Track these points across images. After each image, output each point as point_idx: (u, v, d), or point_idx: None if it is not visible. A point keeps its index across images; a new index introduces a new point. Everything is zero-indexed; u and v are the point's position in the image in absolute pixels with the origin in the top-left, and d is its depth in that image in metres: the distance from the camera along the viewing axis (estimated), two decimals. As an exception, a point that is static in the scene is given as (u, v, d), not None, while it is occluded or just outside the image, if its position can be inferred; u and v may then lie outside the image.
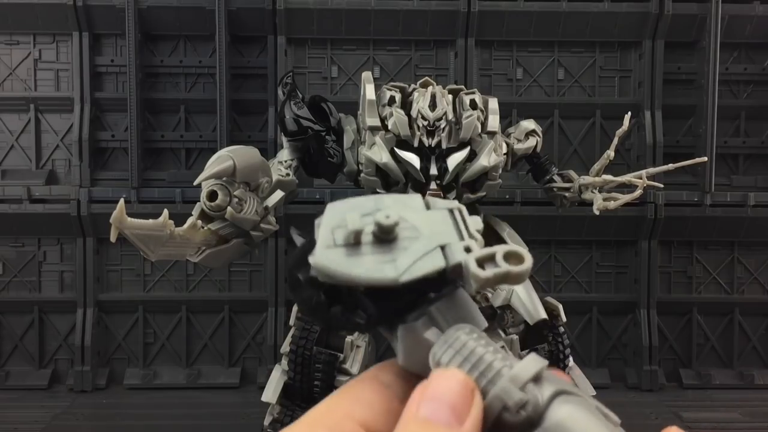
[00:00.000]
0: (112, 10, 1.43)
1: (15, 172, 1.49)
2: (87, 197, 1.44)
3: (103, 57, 1.50)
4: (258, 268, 1.52)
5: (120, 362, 1.51)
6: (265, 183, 0.82)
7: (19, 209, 1.45)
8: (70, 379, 1.46)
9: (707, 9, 1.45)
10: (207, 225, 0.76)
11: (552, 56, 1.52)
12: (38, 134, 1.51)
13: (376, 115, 0.88)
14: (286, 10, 1.43)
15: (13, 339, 1.50)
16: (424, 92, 0.88)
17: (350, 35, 1.49)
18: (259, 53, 1.50)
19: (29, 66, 1.50)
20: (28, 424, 1.27)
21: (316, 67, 1.51)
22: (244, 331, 1.51)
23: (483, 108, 0.89)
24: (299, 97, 0.93)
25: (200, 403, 1.39)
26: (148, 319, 1.51)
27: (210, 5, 1.42)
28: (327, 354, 0.89)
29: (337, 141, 0.93)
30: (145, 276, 1.51)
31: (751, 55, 1.55)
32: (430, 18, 1.46)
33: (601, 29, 1.49)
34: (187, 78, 1.51)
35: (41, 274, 1.50)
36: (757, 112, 1.56)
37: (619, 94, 1.54)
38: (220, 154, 0.79)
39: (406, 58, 1.51)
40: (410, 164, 0.86)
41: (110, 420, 1.33)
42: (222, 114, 1.42)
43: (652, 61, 1.49)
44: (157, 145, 1.51)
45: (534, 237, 1.38)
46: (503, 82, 1.53)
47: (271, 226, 0.84)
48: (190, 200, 1.38)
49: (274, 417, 0.90)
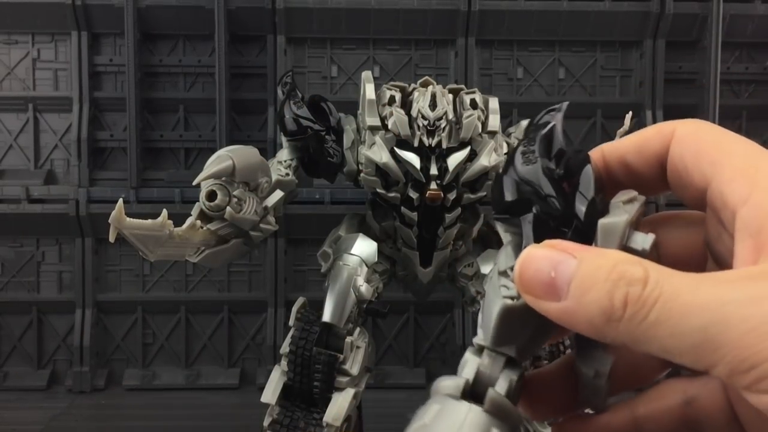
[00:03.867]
0: (110, 9, 1.43)
1: (13, 172, 1.49)
2: (86, 197, 1.44)
3: (102, 56, 1.49)
4: (257, 269, 1.51)
5: (119, 363, 1.50)
6: (264, 183, 0.82)
7: (18, 209, 1.44)
8: (68, 379, 1.46)
9: (708, 8, 1.45)
10: (206, 225, 0.75)
11: (553, 56, 1.52)
12: (37, 134, 1.50)
13: (376, 114, 0.87)
14: (285, 10, 1.43)
15: (12, 339, 1.49)
16: (425, 92, 0.88)
17: (350, 34, 1.48)
18: (258, 53, 1.50)
19: (28, 65, 1.49)
20: (27, 425, 1.26)
21: (315, 67, 1.51)
22: (244, 332, 1.51)
23: (483, 107, 0.89)
24: (299, 96, 0.93)
25: (199, 404, 1.39)
26: (147, 320, 1.50)
27: (209, 4, 1.41)
28: (327, 355, 0.88)
29: (337, 141, 0.92)
30: (144, 276, 1.50)
31: (753, 54, 1.55)
32: (430, 17, 1.46)
33: (602, 28, 1.49)
34: (186, 77, 1.50)
35: (40, 275, 1.50)
36: (758, 112, 1.55)
37: (620, 94, 1.54)
38: (219, 153, 0.79)
39: (406, 57, 1.51)
40: (410, 164, 0.85)
41: (109, 421, 1.32)
42: (221, 114, 1.42)
43: (653, 60, 1.49)
44: (156, 144, 1.50)
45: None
46: (504, 82, 1.52)
47: (271, 226, 0.84)
48: (189, 200, 1.37)
49: (274, 418, 0.89)
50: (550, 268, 0.30)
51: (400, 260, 0.97)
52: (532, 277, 0.31)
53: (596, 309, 0.29)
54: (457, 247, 0.96)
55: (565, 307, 0.30)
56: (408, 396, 1.43)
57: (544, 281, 0.30)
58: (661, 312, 0.27)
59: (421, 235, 0.92)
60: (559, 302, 0.30)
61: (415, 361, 1.52)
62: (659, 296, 0.27)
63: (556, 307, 0.30)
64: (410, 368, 1.51)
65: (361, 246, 0.91)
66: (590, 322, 0.29)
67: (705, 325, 0.26)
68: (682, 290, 0.28)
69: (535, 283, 0.31)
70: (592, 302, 0.29)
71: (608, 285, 0.28)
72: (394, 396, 1.41)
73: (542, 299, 0.31)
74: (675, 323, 0.27)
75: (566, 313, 0.30)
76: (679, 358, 0.28)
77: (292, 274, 1.51)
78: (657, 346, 0.28)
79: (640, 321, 0.28)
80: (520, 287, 0.32)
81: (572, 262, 0.30)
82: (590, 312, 0.29)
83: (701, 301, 0.27)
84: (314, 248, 1.02)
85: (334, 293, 0.88)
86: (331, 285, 0.89)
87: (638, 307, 0.28)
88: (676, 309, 0.27)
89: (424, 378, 1.49)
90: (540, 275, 0.30)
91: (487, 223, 1.00)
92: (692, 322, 0.27)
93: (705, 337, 0.26)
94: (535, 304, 0.31)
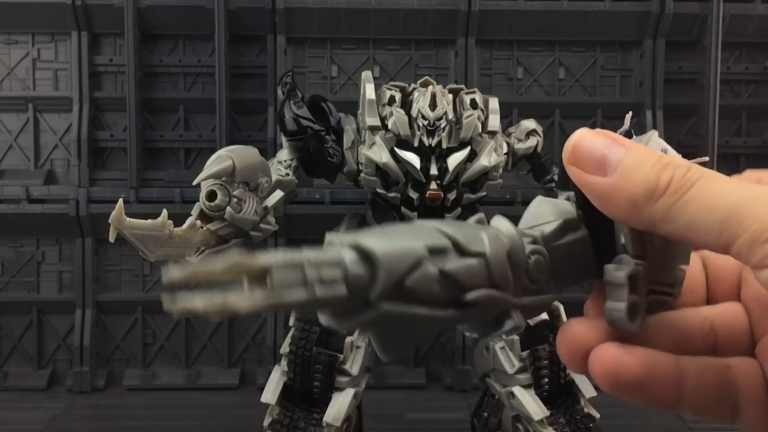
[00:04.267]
0: (110, 9, 1.43)
1: (13, 172, 1.49)
2: (86, 197, 1.44)
3: (102, 56, 1.49)
4: (257, 269, 1.51)
5: (119, 363, 1.50)
6: (264, 183, 0.82)
7: (18, 209, 1.44)
8: (68, 379, 1.46)
9: (708, 8, 1.45)
10: (206, 225, 0.75)
11: (553, 56, 1.52)
12: (37, 134, 1.50)
13: (376, 114, 0.87)
14: (285, 10, 1.42)
15: (12, 339, 1.49)
16: (425, 92, 0.88)
17: (350, 34, 1.48)
18: (258, 53, 1.50)
19: (28, 65, 1.49)
20: (27, 425, 1.26)
21: (315, 67, 1.51)
22: (244, 332, 1.51)
23: (483, 107, 0.89)
24: (299, 96, 0.93)
25: (199, 404, 1.39)
26: (147, 320, 1.50)
27: (209, 4, 1.41)
28: (327, 355, 0.88)
29: (337, 141, 0.92)
30: (144, 276, 1.50)
31: (753, 54, 1.55)
32: (430, 17, 1.46)
33: (602, 28, 1.49)
34: (186, 77, 1.50)
35: (40, 275, 1.50)
36: (758, 112, 1.55)
37: (620, 94, 1.54)
38: (219, 153, 0.79)
39: (406, 57, 1.51)
40: (410, 164, 0.85)
41: (109, 421, 1.32)
42: (221, 114, 1.42)
43: (653, 60, 1.49)
44: (156, 144, 1.50)
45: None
46: (504, 82, 1.52)
47: (271, 226, 0.84)
48: (189, 200, 1.37)
49: (274, 418, 0.90)
50: (603, 147, 0.33)
51: (400, 260, 0.97)
52: (586, 152, 0.34)
53: (642, 185, 0.32)
54: (457, 247, 0.96)
55: (611, 182, 0.33)
56: (408, 396, 1.43)
57: (596, 157, 0.33)
58: (699, 189, 0.31)
59: (421, 235, 0.92)
60: (605, 177, 0.33)
61: (415, 361, 1.52)
62: (700, 178, 0.31)
63: (602, 182, 0.33)
64: (410, 368, 1.51)
65: (361, 246, 0.91)
66: (631, 197, 0.32)
67: (736, 201, 0.30)
68: (719, 177, 0.31)
69: (588, 157, 0.34)
70: (638, 180, 0.32)
71: (657, 167, 0.32)
72: (394, 396, 1.41)
73: (590, 173, 0.33)
74: (710, 200, 0.31)
75: (610, 188, 0.33)
76: (704, 233, 0.31)
77: (292, 274, 1.50)
78: (686, 221, 0.31)
79: (679, 196, 0.31)
80: (571, 160, 0.34)
81: (622, 149, 0.33)
82: (635, 188, 0.32)
83: (734, 185, 0.31)
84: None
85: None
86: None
87: (680, 184, 0.31)
88: (714, 188, 0.31)
89: (424, 378, 1.49)
90: (593, 151, 0.34)
91: (487, 223, 1.00)
92: (725, 198, 0.30)
93: (734, 211, 0.30)
94: (581, 178, 0.34)
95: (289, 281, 0.27)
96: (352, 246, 0.28)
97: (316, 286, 0.27)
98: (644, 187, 0.32)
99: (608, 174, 0.33)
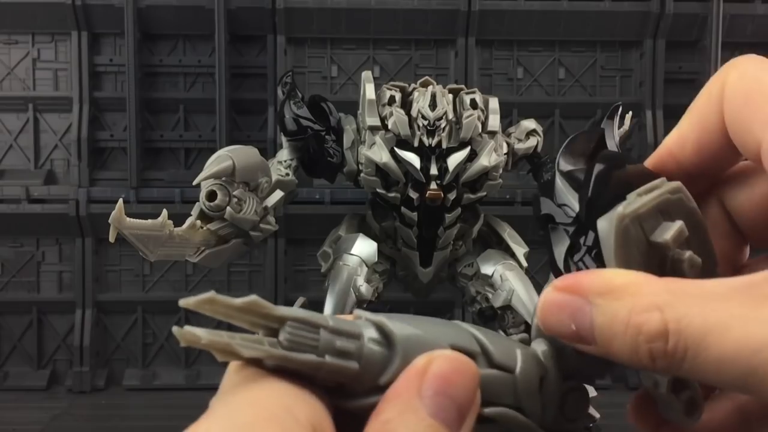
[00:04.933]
0: (110, 9, 1.43)
1: (13, 172, 1.49)
2: (86, 197, 1.44)
3: (102, 56, 1.49)
4: (257, 269, 1.51)
5: (119, 363, 1.50)
6: (264, 183, 0.82)
7: (18, 209, 1.44)
8: (68, 379, 1.46)
9: (708, 8, 1.45)
10: (206, 225, 0.75)
11: (553, 56, 1.52)
12: (37, 134, 1.50)
13: (376, 114, 0.87)
14: (285, 10, 1.42)
15: (12, 339, 1.49)
16: (424, 92, 0.88)
17: (350, 34, 1.48)
18: (258, 53, 1.50)
19: (28, 65, 1.49)
20: (27, 425, 1.26)
21: (315, 67, 1.51)
22: (244, 332, 1.51)
23: (483, 107, 0.89)
24: (299, 96, 0.93)
25: (200, 404, 1.35)
26: (147, 320, 1.50)
27: (209, 4, 1.41)
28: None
29: (337, 141, 0.92)
30: (144, 276, 1.50)
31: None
32: (430, 17, 1.46)
33: (602, 28, 1.49)
34: (186, 77, 1.50)
35: (40, 275, 1.50)
36: (758, 112, 1.55)
37: (620, 94, 1.53)
38: (219, 153, 0.79)
39: (406, 57, 1.51)
40: (410, 164, 0.85)
41: (109, 421, 1.32)
42: (221, 114, 1.42)
43: (654, 60, 1.49)
44: (156, 144, 1.50)
45: (534, 237, 1.38)
46: (504, 82, 1.52)
47: (271, 227, 0.84)
48: (189, 200, 1.37)
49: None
50: (569, 320, 0.30)
51: (400, 260, 0.97)
52: (556, 329, 0.31)
53: (626, 357, 0.29)
54: (457, 247, 0.96)
55: (599, 350, 0.30)
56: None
57: (569, 333, 0.30)
58: (692, 365, 0.27)
59: (421, 235, 0.92)
60: (591, 345, 0.30)
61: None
62: (686, 349, 0.26)
63: (590, 349, 0.30)
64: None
65: (361, 246, 0.91)
66: (628, 363, 0.29)
67: (743, 373, 0.25)
68: (711, 339, 0.26)
69: (561, 333, 0.31)
70: (620, 351, 0.29)
71: (629, 340, 0.28)
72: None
73: (575, 343, 0.31)
74: (712, 373, 0.26)
75: (602, 354, 0.30)
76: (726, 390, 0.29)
77: (293, 274, 1.50)
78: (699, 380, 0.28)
79: (674, 371, 0.28)
80: (548, 332, 0.32)
81: (588, 310, 0.29)
82: (623, 358, 0.29)
83: (734, 348, 0.25)
84: (314, 248, 1.02)
85: (334, 293, 0.88)
86: (331, 285, 0.89)
87: (667, 361, 0.27)
88: (711, 360, 0.26)
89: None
90: (562, 327, 0.31)
91: (487, 223, 1.00)
92: (729, 371, 0.26)
93: (746, 381, 0.25)
94: (571, 345, 0.32)
95: (301, 340, 0.26)
96: (375, 323, 0.27)
97: (328, 354, 0.26)
98: (629, 360, 0.29)
99: (591, 343, 0.30)
